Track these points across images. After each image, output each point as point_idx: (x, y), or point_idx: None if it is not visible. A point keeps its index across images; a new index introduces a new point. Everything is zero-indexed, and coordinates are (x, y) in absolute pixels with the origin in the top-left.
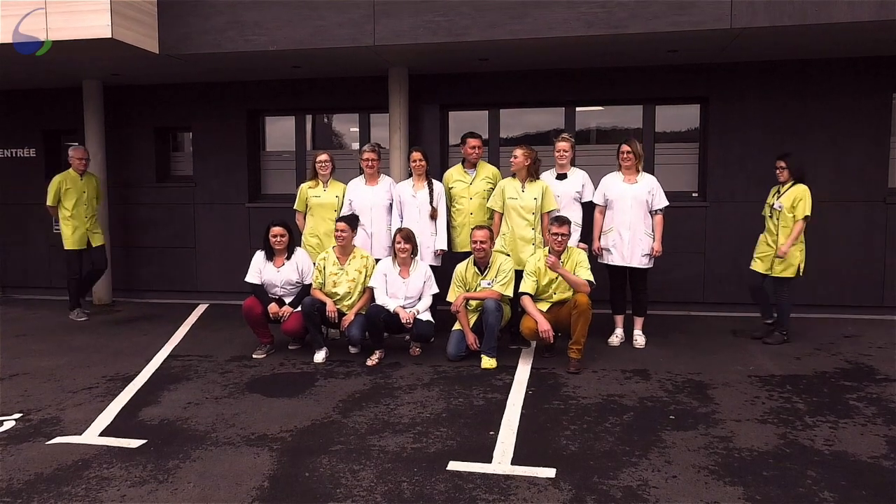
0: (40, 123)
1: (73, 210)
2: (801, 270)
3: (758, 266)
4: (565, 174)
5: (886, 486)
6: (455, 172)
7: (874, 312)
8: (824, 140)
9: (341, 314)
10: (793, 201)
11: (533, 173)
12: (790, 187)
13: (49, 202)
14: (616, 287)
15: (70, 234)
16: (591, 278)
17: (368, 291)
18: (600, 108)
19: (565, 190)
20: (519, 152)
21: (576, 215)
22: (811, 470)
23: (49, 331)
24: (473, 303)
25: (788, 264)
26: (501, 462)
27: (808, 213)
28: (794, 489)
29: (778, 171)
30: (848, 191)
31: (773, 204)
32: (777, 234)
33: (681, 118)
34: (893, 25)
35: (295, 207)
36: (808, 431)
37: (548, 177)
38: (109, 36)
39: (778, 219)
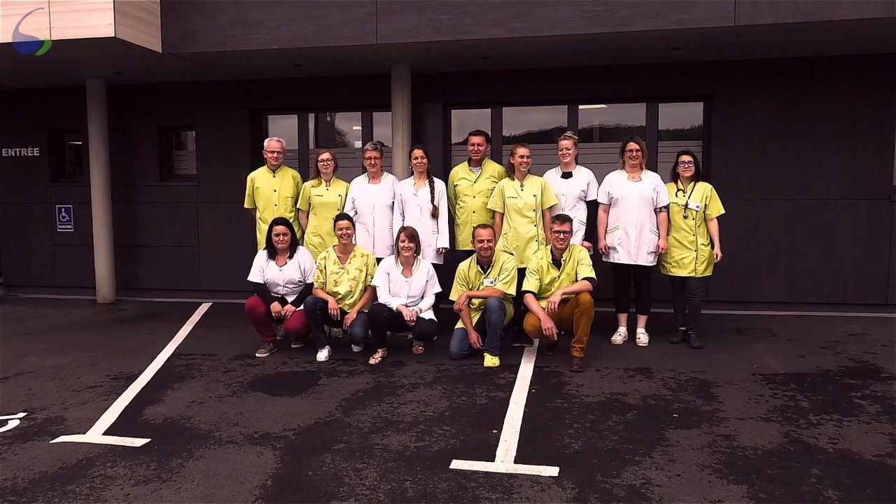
0: (44, 122)
1: (263, 212)
2: None
3: (679, 271)
4: (570, 172)
5: (891, 485)
6: (461, 170)
7: (879, 310)
8: (829, 138)
9: (344, 313)
10: (703, 200)
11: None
12: (694, 185)
13: (245, 204)
14: (620, 285)
15: (262, 240)
16: (593, 275)
17: (370, 290)
18: (603, 106)
19: (570, 189)
20: (526, 151)
21: (581, 214)
22: (815, 468)
23: (53, 330)
24: (476, 301)
25: (710, 262)
26: (504, 461)
27: (723, 210)
28: (799, 487)
29: (682, 168)
30: (853, 189)
31: (688, 204)
32: (695, 235)
33: (684, 116)
34: None
35: (298, 206)
36: (813, 430)
37: (552, 175)
38: (112, 35)
39: (694, 219)
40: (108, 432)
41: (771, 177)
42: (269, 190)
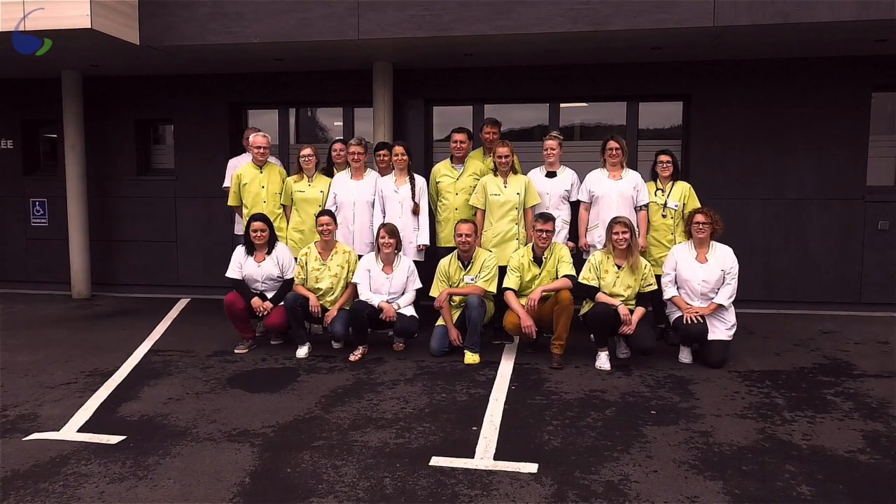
0: (18, 114)
1: (252, 208)
2: None
3: (657, 270)
4: (554, 172)
5: (863, 480)
6: (443, 167)
7: (852, 309)
8: (805, 139)
9: (324, 309)
10: (681, 199)
11: (514, 168)
12: (673, 184)
13: (230, 202)
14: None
15: None
16: (573, 272)
17: (352, 286)
18: (584, 104)
19: (554, 188)
20: (504, 150)
21: (565, 213)
22: (789, 464)
23: (26, 325)
24: (457, 298)
25: None
26: (484, 457)
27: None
28: (773, 483)
29: (661, 168)
30: (827, 189)
31: (667, 203)
32: (673, 234)
33: (664, 115)
34: (874, 25)
35: (281, 202)
36: (787, 426)
37: (537, 174)
38: (89, 26)
39: (673, 218)
40: (82, 429)
41: (748, 176)
42: (257, 186)
